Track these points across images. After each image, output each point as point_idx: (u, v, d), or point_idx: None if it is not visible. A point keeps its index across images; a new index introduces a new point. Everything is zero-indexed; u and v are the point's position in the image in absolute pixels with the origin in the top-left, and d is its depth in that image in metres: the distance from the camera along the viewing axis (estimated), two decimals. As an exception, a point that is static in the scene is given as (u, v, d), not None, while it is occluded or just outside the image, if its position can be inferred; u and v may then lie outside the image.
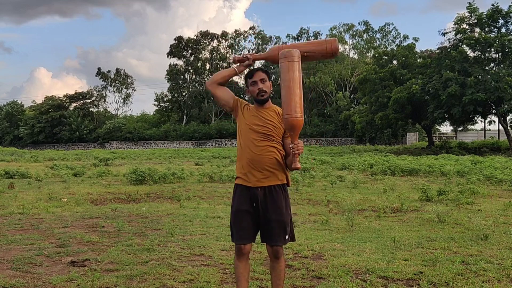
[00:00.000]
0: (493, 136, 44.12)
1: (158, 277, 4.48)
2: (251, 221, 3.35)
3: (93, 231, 6.63)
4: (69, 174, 15.51)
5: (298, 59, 3.21)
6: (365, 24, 60.79)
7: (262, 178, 3.31)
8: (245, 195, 3.36)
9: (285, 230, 3.37)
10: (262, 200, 3.32)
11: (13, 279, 4.41)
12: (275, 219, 3.32)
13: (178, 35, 65.17)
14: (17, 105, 73.44)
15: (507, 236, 6.07)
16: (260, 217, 3.35)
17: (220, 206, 9.00)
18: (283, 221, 3.35)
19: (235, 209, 3.39)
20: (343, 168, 18.03)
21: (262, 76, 3.38)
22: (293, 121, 3.14)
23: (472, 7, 30.55)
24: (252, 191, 3.34)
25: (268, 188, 3.33)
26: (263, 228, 3.37)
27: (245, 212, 3.34)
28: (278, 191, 3.36)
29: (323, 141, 52.19)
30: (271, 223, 3.32)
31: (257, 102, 3.41)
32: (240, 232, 3.35)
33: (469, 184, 10.93)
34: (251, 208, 3.34)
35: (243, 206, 3.35)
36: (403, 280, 4.37)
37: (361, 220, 7.33)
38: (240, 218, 3.35)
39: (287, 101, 3.15)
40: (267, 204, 3.32)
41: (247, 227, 3.35)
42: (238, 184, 3.42)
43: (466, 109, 28.33)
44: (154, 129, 61.23)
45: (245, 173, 3.36)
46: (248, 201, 3.35)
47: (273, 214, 3.32)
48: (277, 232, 3.33)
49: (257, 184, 3.32)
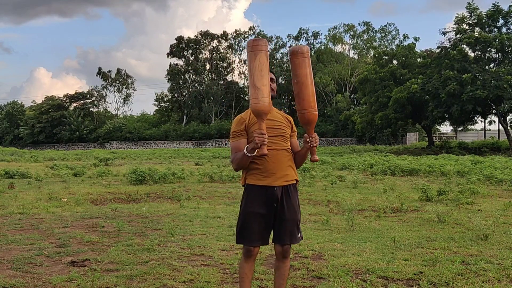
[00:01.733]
0: (493, 136, 44.07)
1: (158, 277, 4.48)
2: (264, 224, 3.31)
3: (93, 231, 6.63)
4: (69, 174, 15.51)
5: (308, 55, 3.26)
6: (366, 25, 60.81)
7: (280, 178, 3.30)
8: (261, 195, 3.29)
9: (298, 228, 3.40)
10: (280, 199, 3.31)
11: (13, 279, 4.41)
12: (290, 218, 3.32)
13: (179, 35, 65.33)
14: (17, 105, 73.46)
15: (507, 236, 6.07)
16: (276, 217, 3.32)
17: (220, 206, 9.00)
18: (297, 219, 3.38)
19: (249, 211, 3.31)
20: (343, 168, 18.03)
21: (272, 76, 3.37)
22: (310, 116, 3.22)
23: (472, 6, 30.56)
24: (270, 191, 3.29)
25: (285, 187, 3.33)
26: (279, 228, 3.34)
27: (259, 215, 3.29)
28: (293, 190, 3.38)
29: (323, 141, 52.19)
30: (287, 222, 3.32)
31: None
32: (252, 234, 3.30)
33: (469, 184, 10.93)
34: (267, 209, 3.29)
35: (257, 208, 3.29)
36: (403, 280, 4.37)
37: (361, 220, 7.34)
38: (254, 220, 3.29)
39: (302, 96, 3.21)
40: (284, 203, 3.31)
41: (260, 230, 3.31)
42: (253, 185, 3.33)
43: (465, 108, 28.34)
44: (154, 129, 61.21)
45: (260, 173, 3.30)
46: (263, 202, 3.28)
47: (290, 213, 3.32)
48: (291, 230, 3.34)
49: (275, 184, 3.29)
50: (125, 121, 64.06)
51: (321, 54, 59.99)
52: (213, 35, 64.35)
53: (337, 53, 61.59)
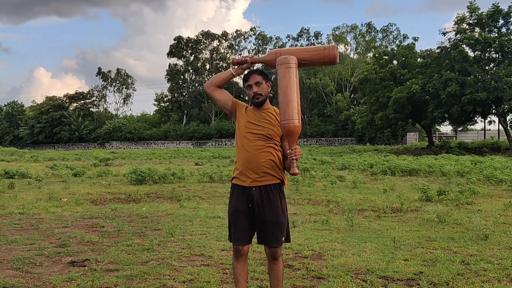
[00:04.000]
0: (493, 136, 44.07)
1: (158, 277, 4.48)
2: (247, 222, 3.34)
3: (93, 231, 6.63)
4: (69, 174, 15.50)
5: (295, 65, 3.21)
6: (368, 25, 60.84)
7: (257, 178, 3.31)
8: (241, 195, 3.35)
9: (281, 231, 3.35)
10: (258, 200, 3.30)
11: (13, 279, 4.41)
12: (270, 220, 3.30)
13: (178, 35, 65.27)
14: (17, 105, 73.45)
15: (507, 236, 6.07)
16: (256, 218, 3.33)
17: (220, 206, 9.00)
18: (279, 222, 3.33)
19: (232, 210, 3.39)
20: (343, 168, 18.02)
21: (257, 79, 3.36)
22: (290, 127, 3.14)
23: (473, 6, 30.54)
24: (247, 191, 3.33)
25: (264, 188, 3.31)
26: (259, 229, 3.36)
27: (241, 213, 3.34)
28: (274, 191, 3.34)
29: (323, 141, 52.21)
30: (267, 224, 3.31)
31: (254, 105, 3.43)
32: (237, 233, 3.34)
33: (469, 184, 10.92)
34: (247, 209, 3.33)
35: (239, 206, 3.35)
36: (403, 280, 4.37)
37: (361, 220, 7.33)
38: (237, 219, 3.35)
39: (284, 107, 3.16)
40: (263, 204, 3.30)
41: (243, 228, 3.34)
42: (235, 184, 3.43)
43: (466, 108, 28.36)
44: (154, 129, 61.23)
45: (241, 173, 3.36)
46: (244, 201, 3.34)
47: (269, 215, 3.30)
48: (273, 233, 3.31)
49: (252, 184, 3.31)
50: (125, 121, 64.06)
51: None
52: (213, 35, 64.37)
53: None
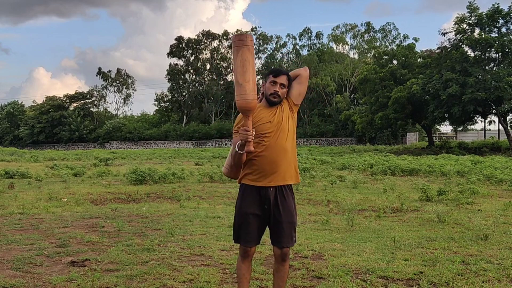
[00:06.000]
0: (493, 136, 44.05)
1: (158, 277, 4.48)
2: (258, 224, 3.30)
3: (93, 231, 6.63)
4: (69, 174, 15.49)
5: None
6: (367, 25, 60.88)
7: (275, 178, 3.23)
8: (254, 195, 3.26)
9: (295, 231, 3.34)
10: (274, 201, 3.25)
11: (13, 279, 4.41)
12: (286, 221, 3.26)
13: (178, 35, 65.31)
14: (17, 105, 73.45)
15: (507, 236, 6.07)
16: (271, 219, 3.27)
17: (220, 206, 9.00)
18: (293, 222, 3.31)
19: (243, 212, 3.29)
20: (343, 168, 18.02)
21: (284, 81, 3.30)
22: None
23: (473, 6, 30.55)
24: (263, 191, 3.25)
25: (279, 188, 3.26)
26: (274, 230, 3.29)
27: (253, 215, 3.27)
28: (288, 191, 3.31)
29: (323, 141, 52.19)
30: (282, 225, 3.26)
31: (267, 101, 3.34)
32: (248, 235, 3.29)
33: (469, 184, 10.92)
34: (261, 210, 3.26)
35: (251, 208, 3.27)
36: (403, 280, 4.37)
37: (361, 220, 7.33)
38: (248, 221, 3.28)
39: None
40: (278, 205, 3.25)
41: (254, 230, 3.29)
42: (246, 184, 3.30)
43: (466, 108, 28.37)
44: (154, 129, 61.20)
45: (255, 172, 3.25)
46: (257, 202, 3.26)
47: (285, 215, 3.26)
48: (289, 233, 3.28)
49: (268, 184, 3.23)
50: (125, 121, 64.05)
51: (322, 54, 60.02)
52: (214, 35, 64.37)
53: (338, 53, 61.62)
